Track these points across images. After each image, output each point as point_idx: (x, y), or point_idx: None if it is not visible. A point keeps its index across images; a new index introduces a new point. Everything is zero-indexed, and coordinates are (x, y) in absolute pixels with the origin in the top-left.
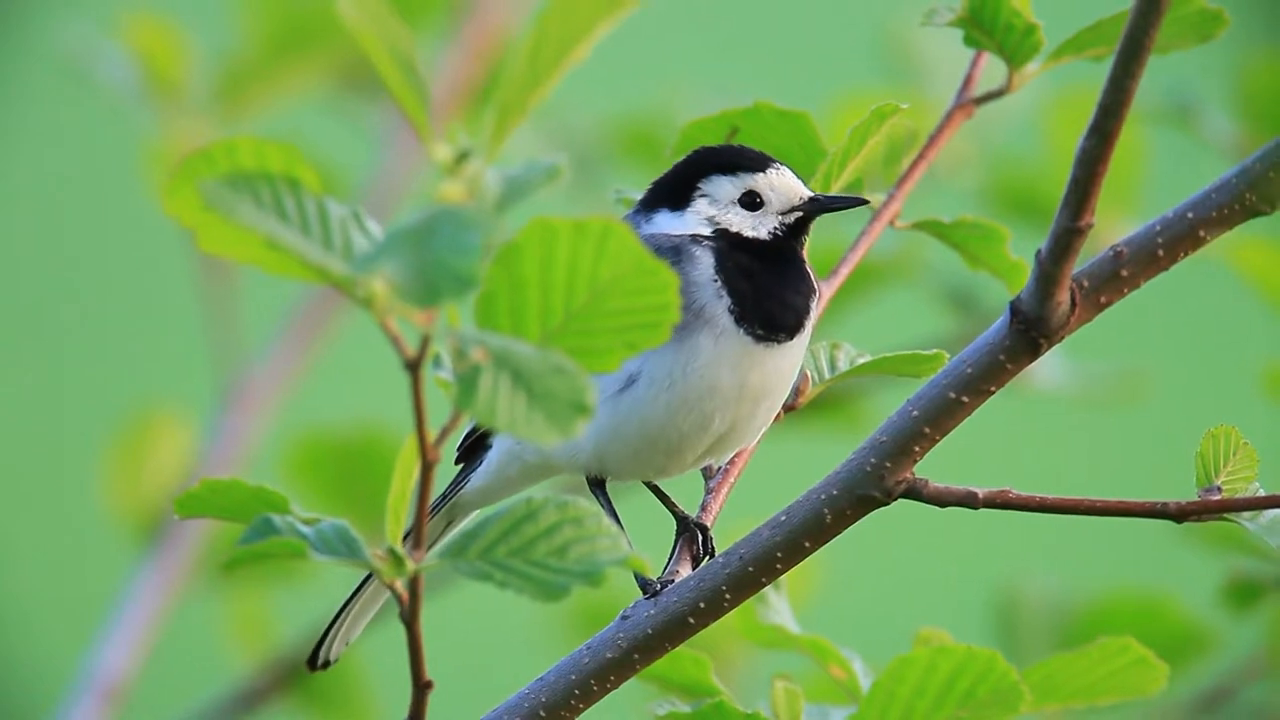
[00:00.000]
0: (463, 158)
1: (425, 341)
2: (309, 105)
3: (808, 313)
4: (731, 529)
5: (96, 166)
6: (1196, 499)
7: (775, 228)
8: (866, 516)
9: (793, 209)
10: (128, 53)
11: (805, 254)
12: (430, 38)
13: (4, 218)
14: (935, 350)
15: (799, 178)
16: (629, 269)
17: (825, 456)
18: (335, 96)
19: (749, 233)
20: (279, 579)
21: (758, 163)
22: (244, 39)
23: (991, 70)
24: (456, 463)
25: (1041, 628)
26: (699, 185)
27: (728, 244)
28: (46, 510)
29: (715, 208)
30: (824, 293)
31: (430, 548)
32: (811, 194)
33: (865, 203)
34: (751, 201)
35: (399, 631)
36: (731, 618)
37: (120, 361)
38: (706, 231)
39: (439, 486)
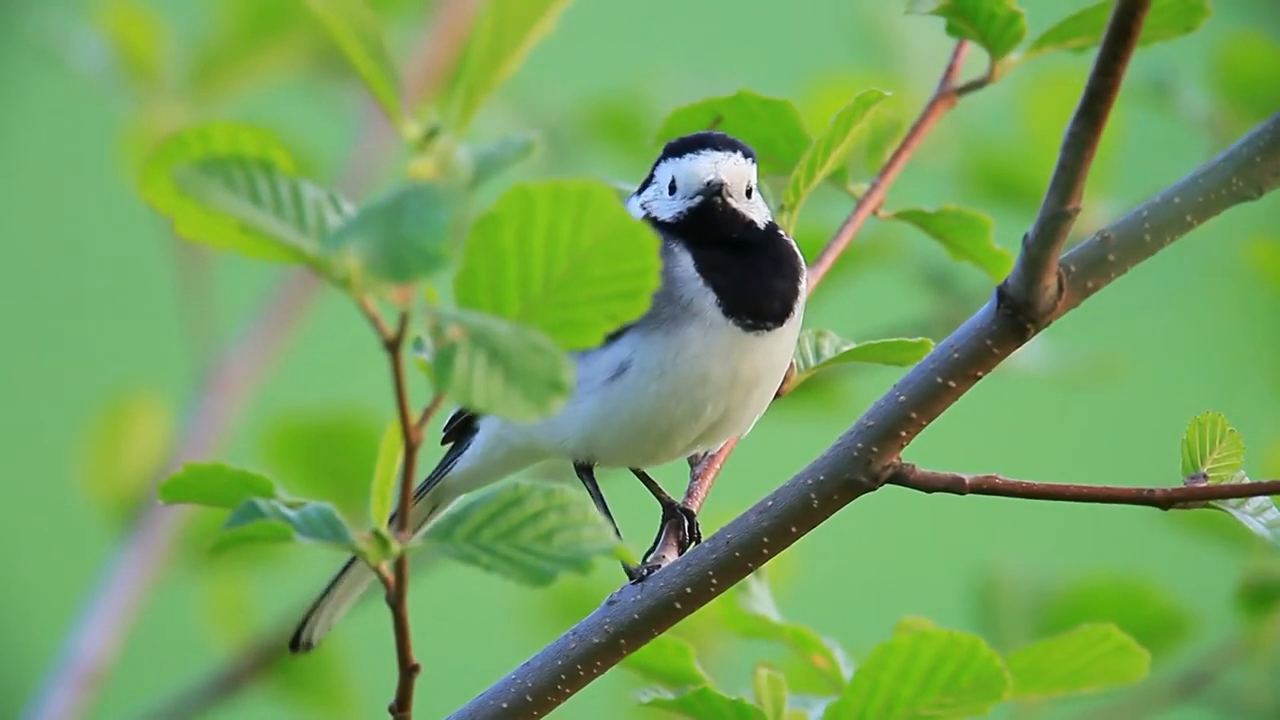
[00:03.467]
0: (432, 135)
1: (404, 320)
2: (284, 88)
3: (795, 296)
4: (717, 515)
5: (71, 151)
6: (1182, 486)
7: (681, 212)
8: (852, 502)
9: (696, 194)
10: (103, 37)
11: (790, 236)
12: (405, 22)
13: None
14: (920, 338)
15: (732, 161)
16: (609, 232)
17: (809, 442)
18: (310, 80)
19: (662, 216)
20: (258, 563)
21: (683, 148)
22: (219, 22)
23: (972, 60)
24: (444, 444)
25: (1021, 613)
26: (654, 172)
27: (700, 237)
28: (24, 495)
29: (654, 192)
30: (810, 281)
31: (416, 531)
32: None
33: None
34: (673, 186)
35: (381, 617)
36: (714, 608)
37: (96, 346)
38: (639, 216)
39: (424, 469)
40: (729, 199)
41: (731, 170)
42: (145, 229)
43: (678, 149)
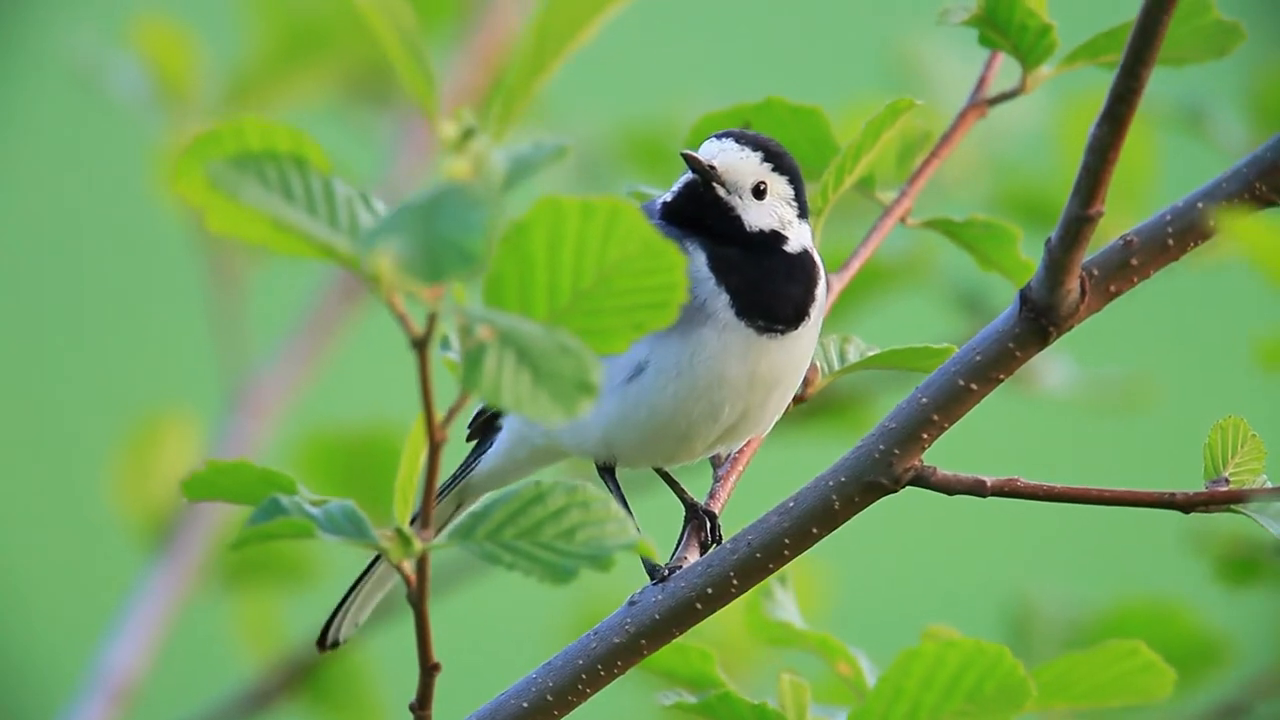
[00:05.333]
0: (468, 135)
1: (432, 319)
2: (316, 114)
3: (810, 302)
4: (738, 517)
5: (104, 171)
6: (1204, 490)
7: (674, 191)
8: (874, 506)
9: (688, 173)
10: (137, 59)
11: (815, 245)
12: (439, 44)
13: (13, 221)
14: (945, 345)
15: (737, 153)
16: (637, 250)
17: (831, 452)
18: (342, 105)
19: (666, 198)
20: (288, 578)
21: (717, 135)
22: (252, 46)
23: (1002, 78)
24: (469, 439)
25: (1053, 636)
26: None
27: (714, 239)
28: (55, 512)
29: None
30: (834, 286)
31: (439, 530)
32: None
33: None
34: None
35: (405, 624)
36: (738, 614)
37: (128, 364)
38: (659, 203)
39: (448, 468)
40: (715, 185)
41: (733, 161)
42: (178, 247)
43: (711, 137)
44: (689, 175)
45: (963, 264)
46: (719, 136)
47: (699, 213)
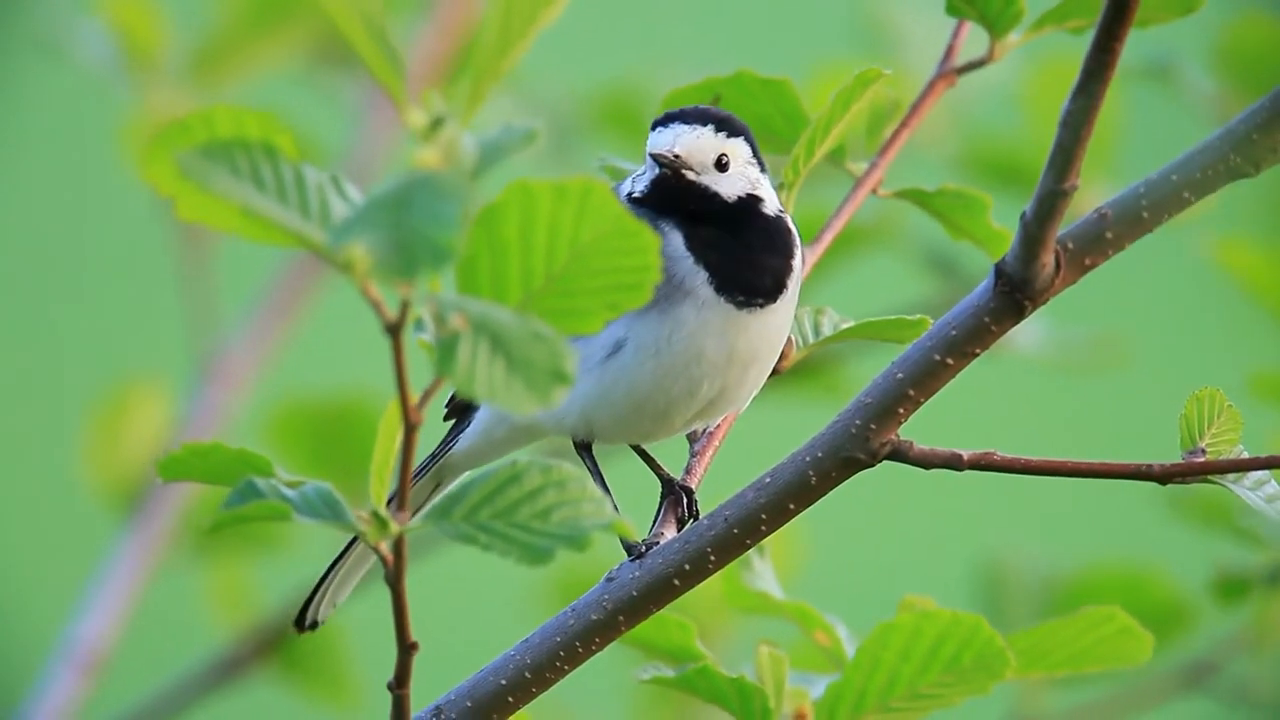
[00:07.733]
0: (438, 124)
1: (405, 306)
2: (285, 79)
3: (788, 273)
4: (715, 492)
5: (72, 139)
6: (1180, 461)
7: (645, 185)
8: (851, 480)
9: (654, 166)
10: (105, 25)
11: (789, 213)
12: (406, 14)
13: None
14: (919, 316)
15: (694, 135)
16: (609, 230)
17: (808, 422)
18: (311, 70)
19: (635, 191)
20: (258, 547)
21: (657, 123)
22: (220, 11)
23: (971, 44)
24: (446, 419)
25: (1027, 599)
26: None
27: (690, 218)
28: (24, 482)
29: (643, 169)
30: (808, 259)
31: (417, 510)
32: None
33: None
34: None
35: (382, 599)
36: (716, 584)
37: (98, 333)
38: (624, 192)
39: (423, 448)
40: (685, 172)
41: (691, 143)
42: (146, 217)
43: (655, 124)
44: (655, 170)
45: (933, 225)
46: (666, 123)
47: (676, 202)
